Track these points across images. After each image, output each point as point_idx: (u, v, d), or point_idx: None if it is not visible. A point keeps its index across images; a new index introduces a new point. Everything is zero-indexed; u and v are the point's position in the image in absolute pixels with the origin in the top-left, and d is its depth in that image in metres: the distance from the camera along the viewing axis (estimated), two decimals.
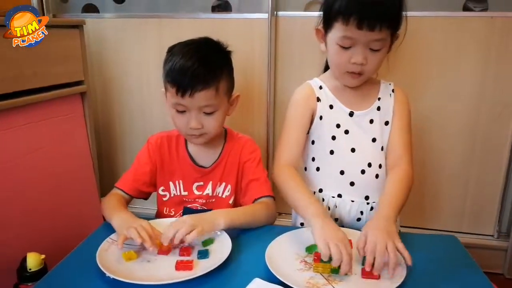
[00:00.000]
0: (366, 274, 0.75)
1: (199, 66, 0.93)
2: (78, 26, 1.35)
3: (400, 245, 0.76)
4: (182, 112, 0.97)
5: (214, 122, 0.98)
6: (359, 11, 0.83)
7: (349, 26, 0.85)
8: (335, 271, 0.75)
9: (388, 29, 0.87)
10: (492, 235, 1.50)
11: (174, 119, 1.00)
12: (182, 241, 0.82)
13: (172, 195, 1.07)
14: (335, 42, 0.90)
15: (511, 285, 1.47)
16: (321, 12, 0.94)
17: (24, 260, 0.89)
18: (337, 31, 0.88)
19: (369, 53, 0.89)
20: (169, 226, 0.82)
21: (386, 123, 0.99)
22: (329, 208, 0.99)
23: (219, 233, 0.87)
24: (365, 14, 0.83)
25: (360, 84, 0.96)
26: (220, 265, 0.76)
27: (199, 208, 1.07)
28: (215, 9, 1.49)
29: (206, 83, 0.93)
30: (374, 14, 0.84)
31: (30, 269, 0.88)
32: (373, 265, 0.73)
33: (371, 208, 0.99)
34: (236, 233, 0.90)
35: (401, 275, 0.73)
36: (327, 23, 0.91)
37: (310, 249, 0.83)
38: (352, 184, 0.98)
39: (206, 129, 0.98)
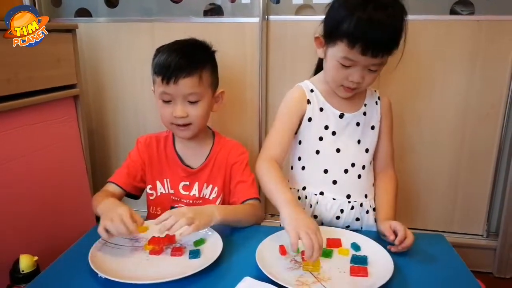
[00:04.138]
0: (355, 272, 0.77)
1: (182, 57, 0.99)
2: (71, 30, 1.36)
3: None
4: (168, 102, 1.02)
5: (198, 112, 1.03)
6: (366, 39, 0.85)
7: (353, 50, 0.87)
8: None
9: (389, 53, 0.90)
10: (481, 235, 1.52)
11: (160, 111, 1.05)
12: (172, 240, 0.85)
13: (158, 194, 1.10)
14: (336, 59, 0.91)
15: (500, 283, 1.49)
16: (323, 22, 0.95)
17: (17, 262, 0.89)
18: (340, 51, 0.90)
19: (366, 73, 0.92)
20: (168, 215, 0.82)
21: (372, 127, 1.04)
22: (310, 206, 1.02)
23: (210, 233, 0.89)
24: (371, 43, 0.85)
25: None
26: (211, 264, 0.77)
27: None
28: (207, 13, 1.51)
29: (189, 71, 0.99)
30: (379, 43, 0.86)
31: (23, 271, 0.88)
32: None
33: (352, 207, 1.01)
34: (227, 233, 0.92)
35: (388, 272, 0.75)
36: (330, 38, 0.92)
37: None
38: (334, 182, 1.01)
39: (191, 119, 1.02)
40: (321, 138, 1.00)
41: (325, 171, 1.01)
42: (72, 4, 1.58)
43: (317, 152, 1.01)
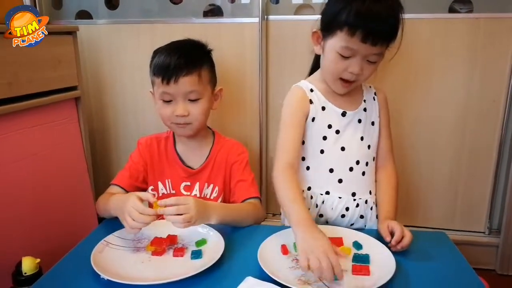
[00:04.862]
0: (357, 271, 0.77)
1: (181, 57, 1.01)
2: (71, 32, 1.36)
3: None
4: (169, 102, 1.03)
5: (199, 110, 1.04)
6: (366, 26, 0.85)
7: (354, 38, 0.87)
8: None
9: (388, 44, 0.91)
10: (483, 232, 1.52)
11: (161, 111, 1.05)
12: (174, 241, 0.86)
13: (160, 194, 1.10)
14: (335, 50, 0.91)
15: (503, 280, 1.49)
16: (321, 16, 0.96)
17: (19, 264, 0.89)
18: (339, 41, 0.90)
19: (365, 64, 0.92)
20: (174, 202, 0.83)
21: (372, 123, 1.04)
22: (316, 206, 1.02)
23: (212, 233, 0.89)
24: (371, 30, 0.85)
25: None
26: (213, 264, 0.78)
27: None
28: (207, 14, 1.51)
29: (188, 69, 1.00)
30: (380, 30, 0.86)
31: (25, 273, 0.89)
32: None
33: (357, 205, 1.01)
34: (229, 233, 0.92)
35: (390, 271, 0.75)
36: (328, 29, 0.92)
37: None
38: (340, 181, 1.00)
39: (191, 118, 1.03)
40: (325, 138, 1.00)
41: (331, 170, 1.00)
42: (73, 6, 1.58)
43: (322, 151, 1.00)
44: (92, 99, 1.63)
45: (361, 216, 1.03)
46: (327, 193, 1.01)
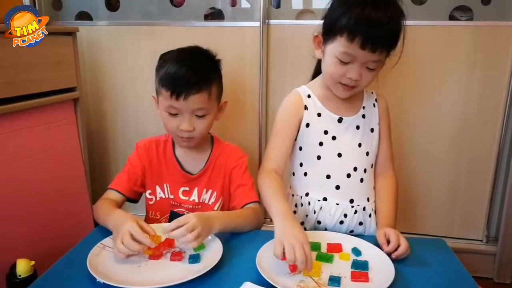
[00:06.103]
0: (356, 277, 0.77)
1: (193, 73, 0.97)
2: (71, 33, 1.36)
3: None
4: (175, 115, 1.01)
5: (204, 125, 1.02)
6: (366, 32, 0.85)
7: (353, 44, 0.87)
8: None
9: (387, 52, 0.91)
10: (481, 240, 1.52)
11: (165, 122, 1.03)
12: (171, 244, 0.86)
13: (158, 199, 1.09)
14: (334, 55, 0.91)
15: None
16: (322, 21, 0.96)
17: (13, 266, 0.89)
18: (339, 46, 0.90)
19: (364, 71, 0.92)
20: (176, 224, 0.82)
21: (372, 130, 1.04)
22: (314, 212, 1.01)
23: (210, 237, 0.88)
24: (371, 36, 0.85)
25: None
26: (211, 269, 0.77)
27: (185, 213, 1.08)
28: (208, 17, 1.51)
29: (199, 88, 0.97)
30: (379, 37, 0.86)
31: (19, 276, 0.88)
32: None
33: (355, 212, 1.01)
34: (227, 238, 0.91)
35: (389, 277, 0.75)
36: (329, 34, 0.92)
37: None
38: (337, 187, 1.00)
39: (196, 132, 1.02)
40: (321, 143, 1.00)
41: (328, 177, 1.00)
42: (73, 8, 1.58)
43: (318, 157, 1.00)
44: (90, 100, 1.63)
45: (360, 223, 1.02)
46: (325, 199, 1.01)
